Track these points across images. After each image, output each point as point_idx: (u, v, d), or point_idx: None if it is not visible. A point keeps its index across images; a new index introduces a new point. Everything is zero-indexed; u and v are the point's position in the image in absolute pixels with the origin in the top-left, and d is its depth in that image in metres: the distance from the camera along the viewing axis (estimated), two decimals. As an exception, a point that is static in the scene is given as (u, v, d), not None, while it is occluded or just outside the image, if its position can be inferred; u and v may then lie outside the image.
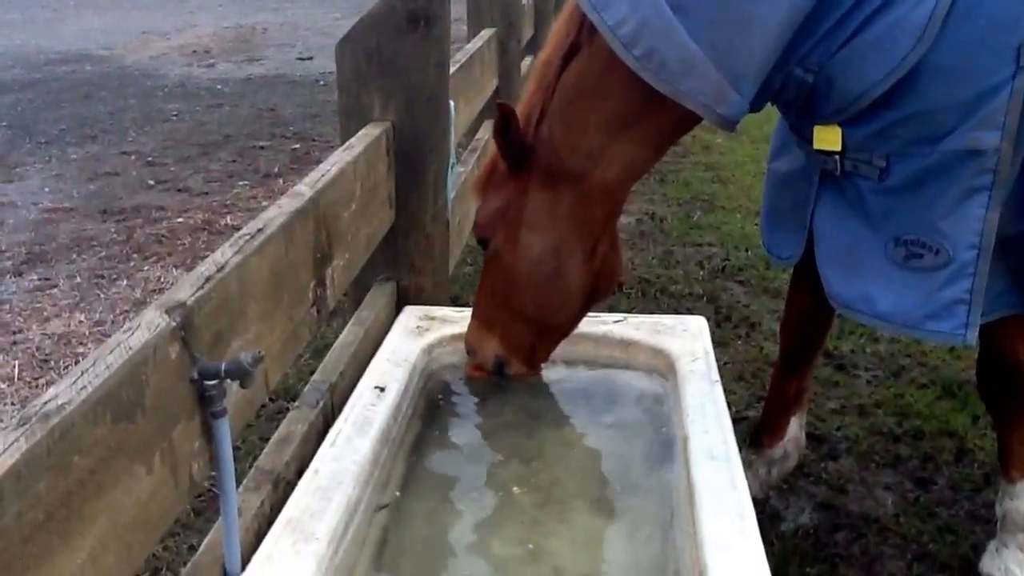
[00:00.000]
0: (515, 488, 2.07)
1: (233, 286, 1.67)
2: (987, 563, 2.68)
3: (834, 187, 2.33)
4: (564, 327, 2.47)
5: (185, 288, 1.55)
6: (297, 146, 8.17)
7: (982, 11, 2.03)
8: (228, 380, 1.53)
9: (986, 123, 2.05)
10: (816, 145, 2.30)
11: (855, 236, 2.29)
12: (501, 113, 2.29)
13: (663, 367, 2.46)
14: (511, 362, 2.44)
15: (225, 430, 1.56)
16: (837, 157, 2.26)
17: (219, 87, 11.04)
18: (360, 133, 2.65)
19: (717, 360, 2.42)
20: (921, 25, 2.04)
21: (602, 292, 2.47)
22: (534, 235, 2.38)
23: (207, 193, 6.85)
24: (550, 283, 2.39)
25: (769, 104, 2.36)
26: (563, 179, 2.32)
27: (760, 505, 2.89)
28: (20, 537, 1.06)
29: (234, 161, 7.73)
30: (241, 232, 1.83)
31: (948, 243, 2.14)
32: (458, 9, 5.86)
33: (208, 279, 1.60)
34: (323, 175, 2.24)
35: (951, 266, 2.15)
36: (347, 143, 2.57)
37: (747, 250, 5.39)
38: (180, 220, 6.23)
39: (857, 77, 2.12)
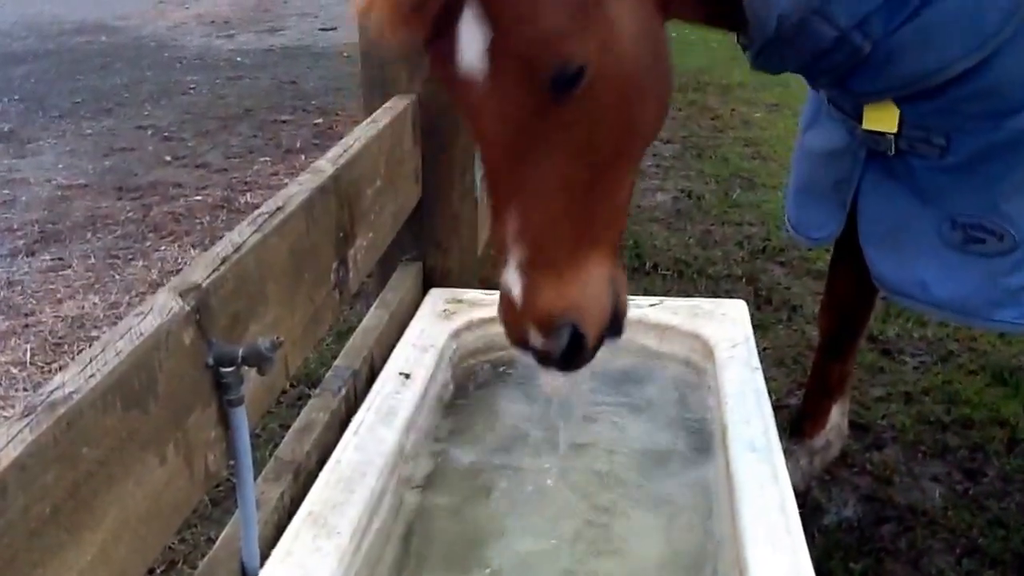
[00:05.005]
0: (546, 479, 2.01)
1: (251, 267, 1.61)
2: (1038, 559, 2.58)
3: (881, 163, 2.19)
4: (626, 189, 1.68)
5: (200, 269, 1.50)
6: (320, 120, 8.08)
7: None
8: (245, 366, 1.47)
9: None
10: (867, 125, 2.14)
11: (905, 216, 2.15)
12: None
13: (701, 353, 2.38)
14: (589, 324, 1.61)
15: (242, 419, 1.51)
16: (891, 137, 2.10)
17: (239, 58, 10.96)
18: (385, 106, 2.57)
19: (757, 345, 2.34)
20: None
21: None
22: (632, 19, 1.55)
23: (226, 169, 6.77)
24: (656, 88, 1.63)
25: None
26: None
27: (802, 497, 2.82)
28: (26, 531, 1.03)
29: (254, 136, 7.65)
30: (260, 210, 1.76)
31: (1013, 227, 2.01)
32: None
33: (225, 260, 1.54)
34: (346, 150, 2.17)
35: (1017, 252, 2.02)
36: (371, 116, 2.49)
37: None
38: (198, 198, 6.14)
39: (930, 53, 1.91)
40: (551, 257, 1.58)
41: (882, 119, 2.11)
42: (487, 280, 4.22)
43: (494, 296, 2.54)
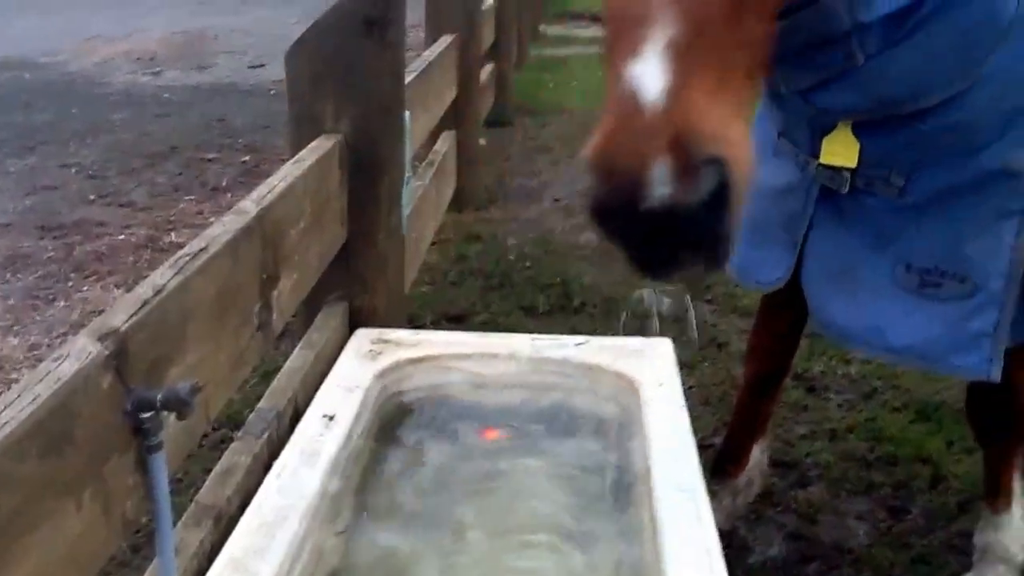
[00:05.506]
0: (472, 523, 1.98)
1: (172, 310, 1.59)
2: (964, 596, 2.58)
3: (833, 201, 2.13)
4: None
5: (120, 313, 1.47)
6: (247, 158, 8.00)
7: None
8: (164, 411, 1.44)
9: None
10: (824, 159, 2.06)
11: (856, 258, 2.12)
12: None
13: (627, 393, 2.36)
14: (739, 170, 1.14)
15: (161, 465, 1.48)
16: (847, 174, 2.04)
17: (166, 95, 10.82)
18: (311, 145, 2.55)
19: (683, 383, 2.34)
20: (1004, 25, 1.80)
21: None
22: None
23: (151, 208, 6.65)
24: None
25: None
26: None
27: (727, 537, 2.81)
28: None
29: (180, 174, 7.54)
30: (182, 252, 1.74)
31: (975, 271, 1.98)
32: (417, 14, 5.77)
33: (145, 303, 1.52)
34: (271, 190, 2.15)
35: (978, 296, 1.99)
36: (297, 156, 2.48)
37: (716, 267, 5.28)
38: (122, 237, 6.03)
39: (915, 77, 1.83)
40: (708, 58, 1.10)
41: (840, 153, 2.03)
42: (415, 319, 4.22)
43: (421, 336, 2.55)
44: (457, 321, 4.51)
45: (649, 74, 1.06)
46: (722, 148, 1.08)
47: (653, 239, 1.10)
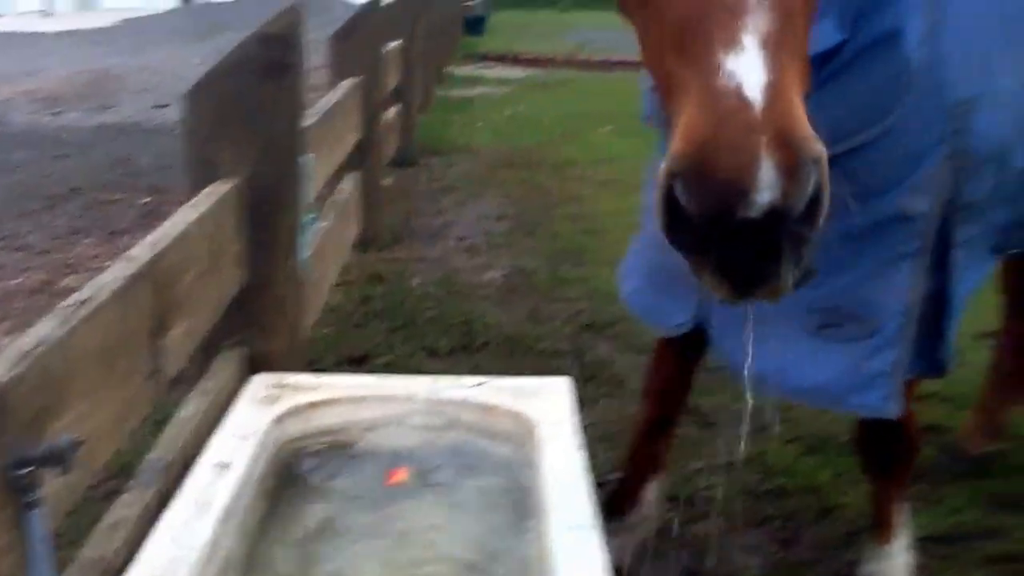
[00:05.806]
0: (371, 569, 1.97)
1: (56, 361, 1.55)
2: (850, 625, 2.63)
3: None
4: None
5: None
6: (148, 199, 7.86)
7: (937, 63, 1.92)
8: (44, 467, 1.41)
9: (920, 187, 1.95)
10: None
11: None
12: None
13: (524, 432, 2.37)
14: (824, 176, 1.10)
15: (38, 522, 1.43)
16: None
17: (67, 136, 10.61)
18: (207, 190, 2.54)
19: (582, 421, 2.35)
20: (909, 78, 1.88)
21: None
22: None
23: (48, 251, 6.50)
24: None
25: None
26: None
27: (622, 574, 2.82)
28: None
29: (80, 216, 7.39)
30: (67, 301, 1.70)
31: (873, 312, 2.02)
32: (323, 55, 5.76)
33: (26, 355, 1.48)
34: (164, 235, 2.13)
35: (877, 336, 2.04)
36: (193, 200, 2.46)
37: (615, 305, 5.32)
38: (17, 281, 5.89)
39: (835, 120, 1.77)
40: (793, 53, 1.09)
41: None
42: (317, 362, 4.18)
43: (320, 380, 2.53)
44: (359, 363, 4.48)
45: (749, 68, 1.02)
46: (819, 147, 1.04)
47: (754, 247, 1.04)
